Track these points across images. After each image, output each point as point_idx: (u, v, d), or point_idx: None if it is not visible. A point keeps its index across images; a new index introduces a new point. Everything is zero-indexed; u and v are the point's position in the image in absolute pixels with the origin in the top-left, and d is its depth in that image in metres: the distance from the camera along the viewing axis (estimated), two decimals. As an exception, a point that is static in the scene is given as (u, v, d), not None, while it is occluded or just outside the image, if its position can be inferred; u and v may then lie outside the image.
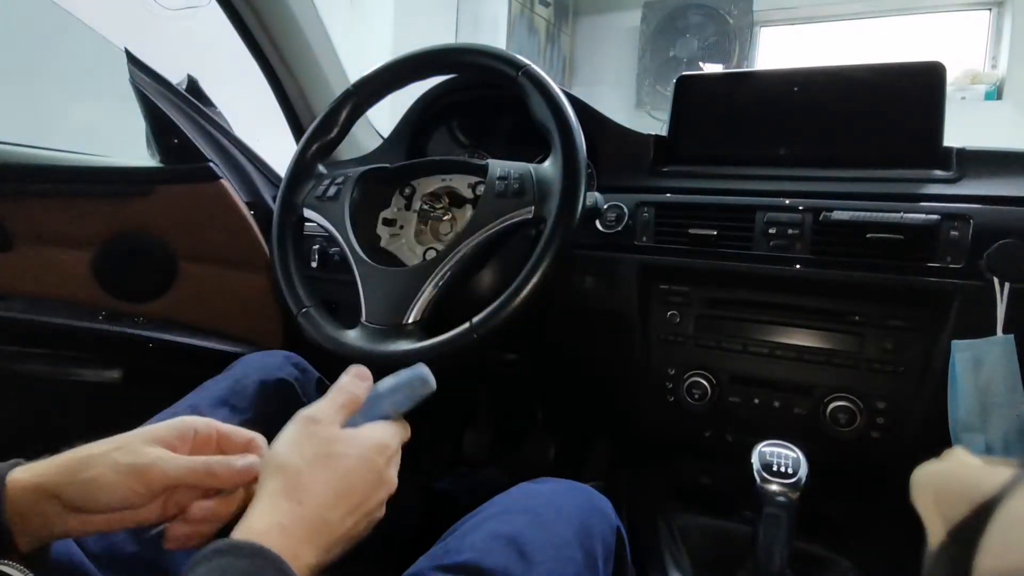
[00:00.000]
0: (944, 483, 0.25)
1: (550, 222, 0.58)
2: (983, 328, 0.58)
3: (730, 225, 0.68)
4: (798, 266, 0.65)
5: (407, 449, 0.40)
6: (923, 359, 0.62)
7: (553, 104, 0.62)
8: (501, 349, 0.90)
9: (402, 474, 0.39)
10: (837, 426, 0.64)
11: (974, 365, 0.58)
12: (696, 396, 0.70)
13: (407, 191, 0.75)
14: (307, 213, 0.71)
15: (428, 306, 0.61)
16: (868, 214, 0.62)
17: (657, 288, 0.73)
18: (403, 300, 0.61)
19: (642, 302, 0.73)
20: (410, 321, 0.61)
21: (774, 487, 0.55)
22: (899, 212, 0.62)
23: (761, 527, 0.56)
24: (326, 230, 0.69)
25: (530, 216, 0.60)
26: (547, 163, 0.63)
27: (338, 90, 0.77)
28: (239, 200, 0.89)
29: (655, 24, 3.13)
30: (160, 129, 0.87)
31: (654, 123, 2.90)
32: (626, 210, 0.73)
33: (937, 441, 0.59)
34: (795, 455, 0.57)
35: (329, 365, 0.98)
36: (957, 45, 2.79)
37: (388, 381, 0.41)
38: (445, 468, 1.10)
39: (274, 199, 0.77)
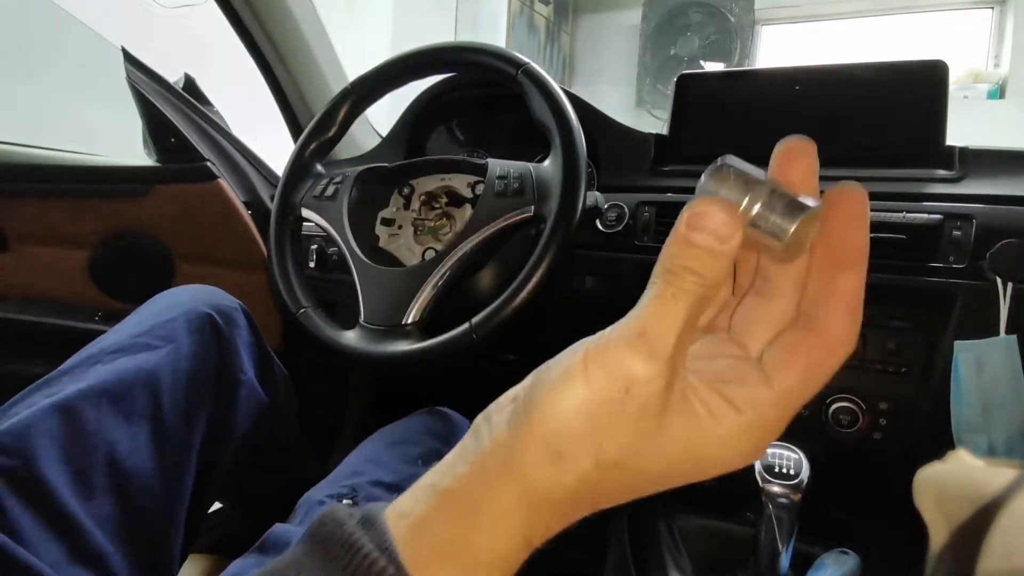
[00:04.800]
0: (947, 485, 0.25)
1: (550, 222, 0.58)
2: (986, 328, 0.57)
3: (731, 225, 0.68)
4: (799, 266, 0.65)
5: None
6: (925, 360, 0.62)
7: (553, 103, 0.62)
8: (501, 349, 0.90)
9: None
10: (839, 427, 0.64)
11: (977, 366, 0.58)
12: (697, 396, 0.70)
13: (406, 191, 0.74)
14: (305, 213, 0.70)
15: (427, 306, 0.61)
16: (870, 214, 0.62)
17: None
18: (402, 300, 0.61)
19: (642, 302, 0.73)
20: (409, 322, 0.60)
21: (776, 488, 0.55)
22: (901, 212, 0.61)
23: (762, 528, 0.56)
24: (324, 230, 0.69)
25: (530, 216, 0.60)
26: (547, 162, 0.62)
27: (336, 89, 0.77)
28: (236, 200, 0.88)
29: (656, 22, 3.12)
30: (157, 128, 0.87)
31: (655, 122, 2.90)
32: (627, 210, 0.73)
33: (940, 442, 0.59)
34: (797, 456, 0.57)
35: (327, 366, 0.98)
36: (959, 44, 2.78)
37: None
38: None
39: (272, 199, 0.77)
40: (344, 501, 0.50)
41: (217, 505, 0.79)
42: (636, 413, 0.21)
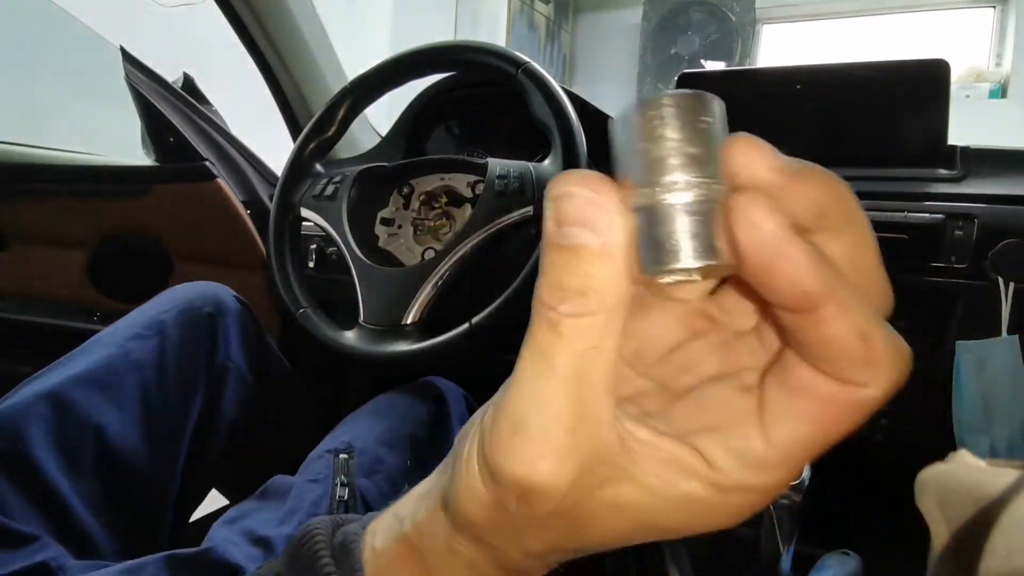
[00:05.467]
0: (948, 485, 0.25)
1: (550, 221, 0.58)
2: (988, 329, 0.57)
3: (732, 224, 0.68)
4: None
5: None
6: (927, 360, 0.61)
7: (553, 102, 0.61)
8: (501, 349, 0.90)
9: None
10: (840, 427, 0.64)
11: (978, 366, 0.57)
12: (697, 397, 0.70)
13: (405, 190, 0.74)
14: (304, 213, 0.70)
15: (427, 306, 0.61)
16: (872, 213, 0.61)
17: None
18: (402, 300, 0.61)
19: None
20: (409, 322, 0.60)
21: (776, 489, 0.54)
22: (903, 211, 0.61)
23: (764, 529, 0.56)
24: (323, 230, 0.68)
25: (530, 215, 0.60)
26: (547, 162, 0.62)
27: (336, 88, 0.77)
28: (235, 199, 0.88)
29: (656, 21, 3.12)
30: (156, 128, 0.87)
31: (655, 121, 2.89)
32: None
33: (941, 443, 0.59)
34: (797, 457, 0.56)
35: (327, 366, 0.98)
36: (961, 43, 2.77)
37: None
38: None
39: (271, 198, 0.77)
40: (341, 455, 0.52)
41: (220, 503, 0.78)
42: (546, 515, 0.16)
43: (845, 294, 0.14)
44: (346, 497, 0.49)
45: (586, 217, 0.14)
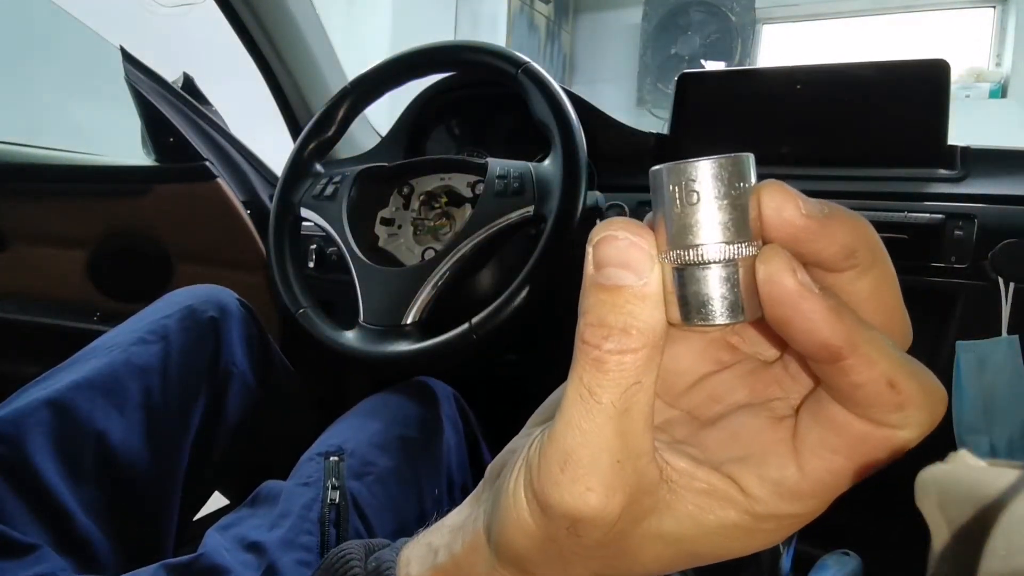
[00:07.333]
0: (948, 485, 0.25)
1: (550, 221, 0.58)
2: (988, 329, 0.57)
3: (731, 224, 0.68)
4: (800, 266, 0.64)
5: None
6: (927, 360, 0.61)
7: (553, 102, 0.61)
8: (501, 350, 0.90)
9: None
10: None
11: (978, 366, 0.57)
12: (697, 397, 0.70)
13: (405, 190, 0.74)
14: (304, 213, 0.70)
15: (427, 307, 0.61)
16: (872, 213, 0.62)
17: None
18: (401, 301, 0.61)
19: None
20: (408, 322, 0.60)
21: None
22: (903, 211, 0.61)
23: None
24: (323, 230, 0.68)
25: (530, 215, 0.60)
26: (547, 162, 0.62)
27: (335, 88, 0.77)
28: (235, 199, 0.88)
29: (656, 21, 3.12)
30: (155, 127, 0.87)
31: (655, 121, 2.89)
32: (627, 209, 0.73)
33: (941, 443, 0.59)
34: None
35: (326, 366, 0.98)
36: (961, 43, 2.77)
37: None
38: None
39: (271, 198, 0.77)
40: (332, 458, 0.52)
41: (220, 503, 0.78)
42: (594, 545, 0.17)
43: (870, 344, 0.14)
44: (337, 500, 0.49)
45: (628, 260, 0.15)
